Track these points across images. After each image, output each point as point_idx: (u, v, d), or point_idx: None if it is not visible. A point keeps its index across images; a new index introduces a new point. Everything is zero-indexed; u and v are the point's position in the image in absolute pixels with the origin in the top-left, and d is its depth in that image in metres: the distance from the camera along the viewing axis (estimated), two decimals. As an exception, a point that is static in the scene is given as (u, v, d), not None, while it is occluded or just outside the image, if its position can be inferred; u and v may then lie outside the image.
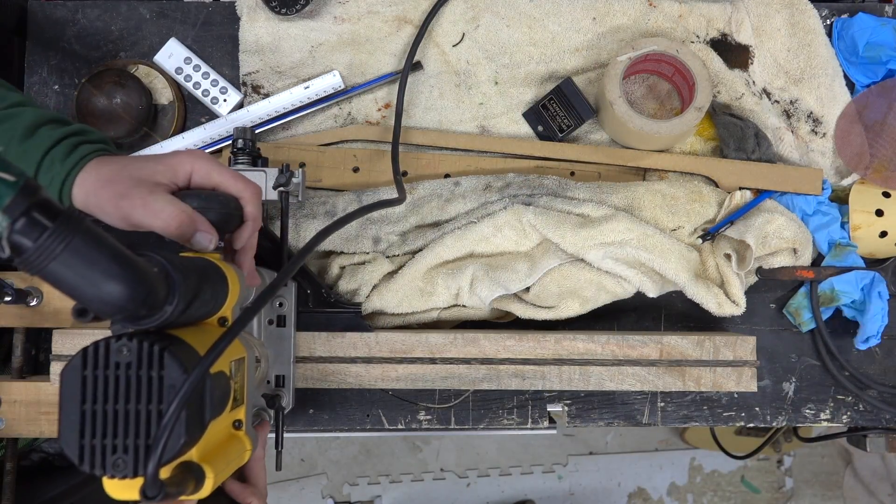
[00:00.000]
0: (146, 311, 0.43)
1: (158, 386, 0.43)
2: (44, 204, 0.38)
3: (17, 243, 0.37)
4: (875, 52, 0.80)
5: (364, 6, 0.83)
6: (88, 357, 0.43)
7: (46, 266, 0.38)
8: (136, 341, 0.43)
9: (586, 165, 0.82)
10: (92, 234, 0.40)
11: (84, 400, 0.43)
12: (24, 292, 0.73)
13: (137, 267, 0.42)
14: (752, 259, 0.74)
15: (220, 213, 0.53)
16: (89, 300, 0.41)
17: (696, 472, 1.92)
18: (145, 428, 0.43)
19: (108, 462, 0.43)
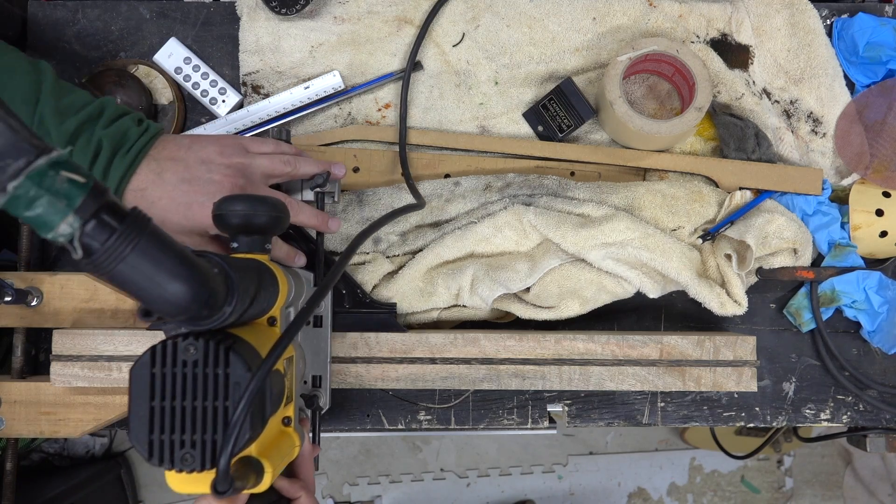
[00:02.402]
0: (207, 312, 0.44)
1: (224, 383, 0.45)
2: (111, 205, 0.38)
3: (87, 245, 0.38)
4: (875, 52, 0.80)
5: (364, 6, 0.83)
6: (157, 355, 0.45)
7: (115, 267, 0.39)
8: (202, 340, 0.45)
9: (586, 165, 0.82)
10: (157, 236, 0.40)
11: (153, 397, 0.44)
12: (24, 292, 0.73)
13: (200, 268, 0.43)
14: (752, 259, 0.74)
15: (270, 216, 0.54)
16: (154, 301, 0.41)
17: (696, 472, 1.92)
18: (212, 424, 0.44)
19: (176, 457, 0.44)
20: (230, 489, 0.43)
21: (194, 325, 0.46)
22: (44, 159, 0.36)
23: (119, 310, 0.74)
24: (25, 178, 0.35)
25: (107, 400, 0.74)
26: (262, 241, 0.55)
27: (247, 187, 0.66)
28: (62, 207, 0.36)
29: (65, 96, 0.65)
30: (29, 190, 0.36)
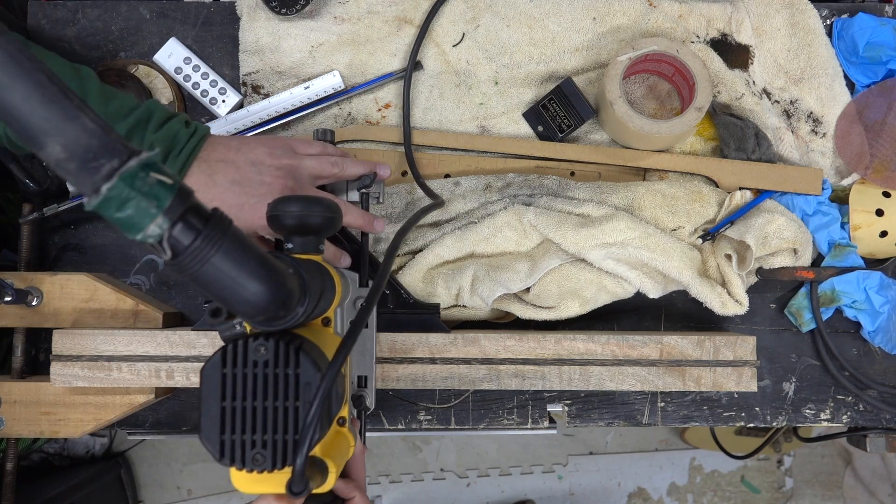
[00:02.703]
0: (283, 313, 0.44)
1: (295, 384, 0.45)
2: (196, 207, 0.39)
3: (174, 246, 0.38)
4: (875, 52, 0.80)
5: (364, 6, 0.83)
6: (228, 355, 0.45)
7: (200, 268, 0.39)
8: (272, 340, 0.45)
9: (586, 165, 0.82)
10: (238, 237, 0.41)
11: (223, 397, 0.45)
12: (24, 292, 0.73)
13: (279, 269, 0.43)
14: (752, 259, 0.74)
15: (325, 217, 0.54)
16: (235, 301, 0.41)
17: (696, 472, 1.92)
18: (282, 424, 0.45)
19: (247, 457, 0.44)
20: (305, 490, 0.43)
21: (268, 325, 0.46)
22: (135, 160, 0.37)
23: (119, 310, 0.74)
24: (119, 179, 0.36)
25: (107, 400, 0.74)
26: (316, 241, 0.55)
27: (296, 188, 0.66)
28: (152, 209, 0.37)
29: (111, 101, 0.65)
30: (122, 191, 0.36)
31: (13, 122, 0.36)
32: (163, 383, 0.71)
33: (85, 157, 0.36)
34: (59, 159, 0.36)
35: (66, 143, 0.36)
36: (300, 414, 0.45)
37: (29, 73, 0.36)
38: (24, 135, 0.36)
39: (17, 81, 0.36)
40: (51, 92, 0.37)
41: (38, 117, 0.36)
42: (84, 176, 0.36)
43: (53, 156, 0.36)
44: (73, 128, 0.36)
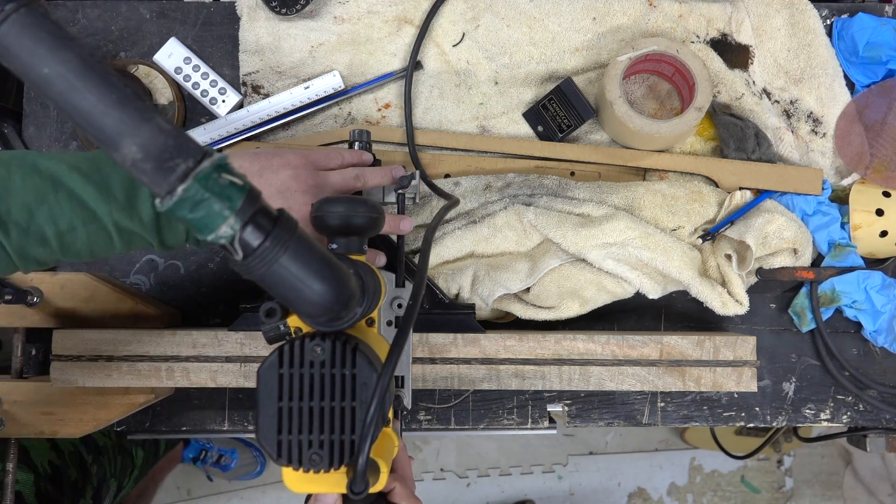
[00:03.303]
0: (345, 313, 0.45)
1: (351, 384, 0.45)
2: (264, 209, 0.39)
3: (244, 246, 0.38)
4: (875, 52, 0.80)
5: (364, 6, 0.83)
6: (284, 356, 0.45)
7: (268, 269, 0.39)
8: (328, 341, 0.45)
9: (586, 165, 0.82)
10: (304, 238, 0.41)
11: (280, 397, 0.45)
12: (24, 292, 0.73)
13: (342, 270, 0.43)
14: (752, 259, 0.74)
15: (369, 217, 0.54)
16: (299, 302, 0.42)
17: (696, 472, 1.92)
18: (339, 424, 0.45)
19: (304, 457, 0.45)
20: (365, 489, 0.43)
21: (328, 325, 0.46)
22: (208, 161, 0.37)
23: (119, 310, 0.74)
24: (194, 180, 0.36)
25: (107, 400, 0.74)
26: (360, 242, 0.55)
27: None
28: (224, 209, 0.37)
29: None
30: (196, 192, 0.36)
31: (88, 125, 0.36)
32: (163, 383, 0.71)
33: (161, 157, 0.36)
34: (136, 160, 0.36)
35: (143, 144, 0.36)
36: (357, 414, 0.45)
37: (102, 76, 0.37)
38: (98, 137, 0.36)
39: (91, 84, 0.36)
40: (125, 94, 0.37)
41: (113, 119, 0.36)
42: (159, 176, 0.36)
43: (129, 157, 0.36)
44: (149, 128, 0.37)
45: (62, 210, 0.50)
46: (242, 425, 0.81)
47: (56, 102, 0.37)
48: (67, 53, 0.36)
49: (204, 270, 0.82)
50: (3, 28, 0.36)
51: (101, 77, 0.37)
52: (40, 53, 0.36)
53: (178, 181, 0.36)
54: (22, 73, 0.37)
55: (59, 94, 0.36)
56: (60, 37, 0.37)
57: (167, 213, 0.37)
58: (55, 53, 0.36)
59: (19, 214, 0.48)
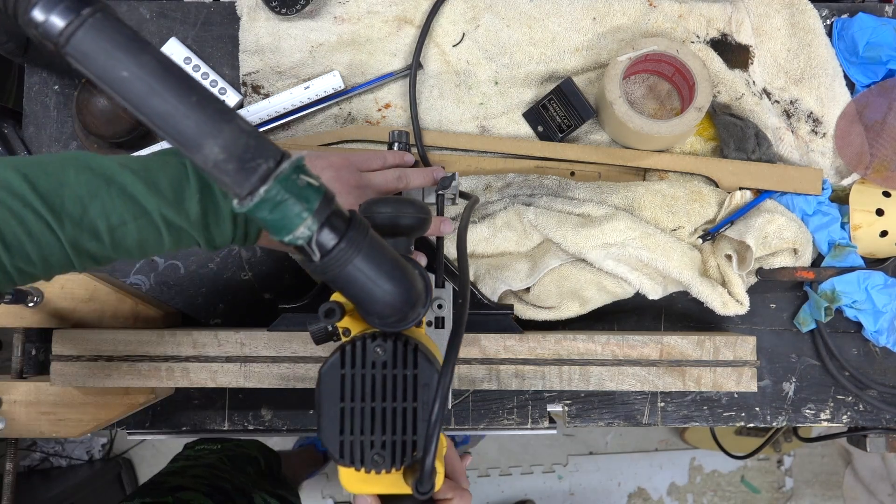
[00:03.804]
0: (412, 314, 0.45)
1: (413, 384, 0.45)
2: (338, 210, 0.39)
3: (321, 247, 0.39)
4: (875, 52, 0.80)
5: (364, 6, 0.83)
6: (346, 356, 0.45)
7: (343, 270, 0.40)
8: (389, 341, 0.45)
9: (586, 165, 0.82)
10: (375, 240, 0.41)
11: (342, 398, 0.45)
12: (24, 292, 0.73)
13: (410, 271, 0.44)
14: (752, 260, 0.74)
15: (417, 217, 0.54)
16: (370, 302, 0.42)
17: (696, 472, 1.92)
18: (401, 425, 0.45)
19: (366, 457, 0.45)
20: (431, 489, 0.43)
21: (395, 326, 0.46)
22: (287, 163, 0.37)
23: (119, 310, 0.74)
24: (275, 181, 0.36)
25: (107, 400, 0.74)
26: (408, 243, 0.55)
27: None
28: (302, 210, 0.37)
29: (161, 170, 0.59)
30: (277, 193, 0.36)
31: (168, 127, 0.36)
32: (163, 383, 0.71)
33: (243, 157, 0.36)
34: (218, 161, 0.36)
35: (225, 144, 0.36)
36: (418, 414, 0.45)
37: (180, 78, 0.37)
38: (179, 139, 0.36)
39: (171, 86, 0.36)
40: (204, 95, 0.37)
41: (194, 120, 0.36)
42: (241, 177, 0.36)
43: (211, 158, 0.36)
44: (230, 129, 0.37)
45: (114, 205, 0.50)
46: (242, 425, 0.81)
47: (134, 105, 0.37)
48: (145, 56, 0.36)
49: (204, 270, 0.82)
50: (80, 33, 0.36)
51: (179, 79, 0.37)
52: (118, 57, 0.36)
53: (259, 182, 0.36)
54: (99, 77, 0.37)
55: (138, 98, 0.36)
56: (137, 40, 0.37)
57: (249, 212, 0.37)
58: (133, 57, 0.36)
59: (73, 208, 0.49)
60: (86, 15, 0.36)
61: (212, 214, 0.53)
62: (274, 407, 0.81)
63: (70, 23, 0.35)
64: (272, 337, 0.71)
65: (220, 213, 0.54)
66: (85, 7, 0.36)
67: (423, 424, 0.45)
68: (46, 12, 0.35)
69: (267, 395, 0.81)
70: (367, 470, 0.45)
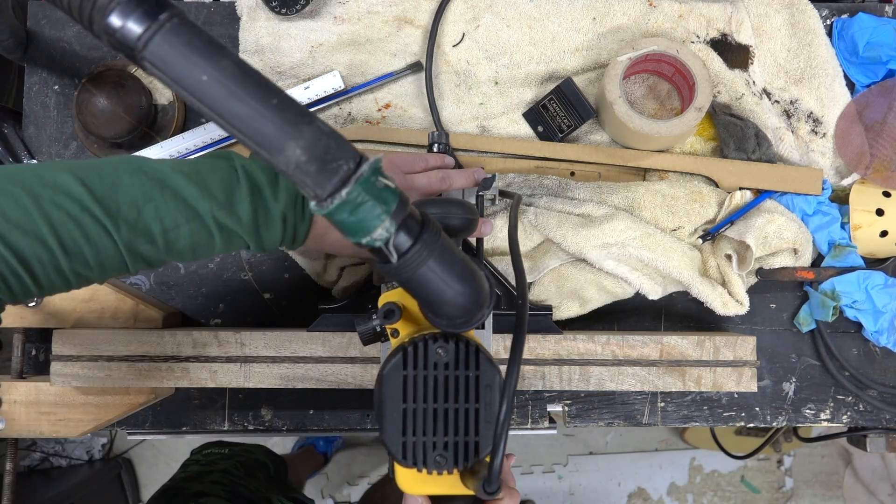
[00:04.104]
0: (479, 314, 0.45)
1: (475, 385, 0.46)
2: (413, 212, 0.40)
3: (398, 248, 0.39)
4: (875, 52, 0.80)
5: (364, 6, 0.83)
6: (408, 357, 0.45)
7: (417, 271, 0.40)
8: (451, 342, 0.46)
9: (586, 165, 0.82)
10: (447, 241, 0.42)
11: (405, 399, 0.45)
12: (24, 292, 0.73)
13: (479, 272, 0.44)
14: (752, 260, 0.74)
15: (465, 218, 0.54)
16: (441, 303, 0.42)
17: (696, 472, 1.92)
18: (463, 426, 0.45)
19: (429, 458, 0.45)
20: (499, 489, 0.43)
21: (461, 327, 0.46)
22: (367, 165, 0.37)
23: (119, 310, 0.74)
24: (356, 183, 0.36)
25: (107, 400, 0.74)
26: (455, 244, 0.55)
27: None
28: (381, 212, 0.37)
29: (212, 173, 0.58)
30: (358, 195, 0.36)
31: (248, 130, 0.36)
32: (163, 383, 0.71)
33: (325, 158, 0.36)
34: (300, 162, 0.36)
35: (307, 146, 0.36)
36: (481, 415, 0.45)
37: (259, 81, 0.37)
38: (259, 141, 0.36)
39: (250, 89, 0.36)
40: (283, 97, 0.37)
41: (276, 122, 0.36)
42: (323, 178, 0.36)
43: (293, 159, 0.36)
44: (311, 130, 0.36)
45: (167, 208, 0.50)
46: (242, 425, 0.81)
47: (213, 109, 0.37)
48: (224, 60, 0.36)
49: (204, 270, 0.82)
50: (158, 38, 0.36)
51: (258, 82, 0.37)
52: (197, 61, 0.36)
53: (340, 183, 0.36)
54: (177, 81, 0.36)
55: (217, 101, 0.36)
56: (214, 44, 0.37)
57: (328, 214, 0.37)
58: (212, 61, 0.36)
59: (128, 211, 0.49)
60: (163, 20, 0.36)
61: (262, 217, 0.54)
62: (274, 407, 0.81)
63: (147, 28, 0.35)
64: (272, 337, 0.71)
65: (270, 215, 0.54)
66: (162, 12, 0.36)
67: (485, 425, 0.45)
68: (123, 18, 0.35)
69: (267, 395, 0.81)
70: (428, 471, 0.45)
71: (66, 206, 0.47)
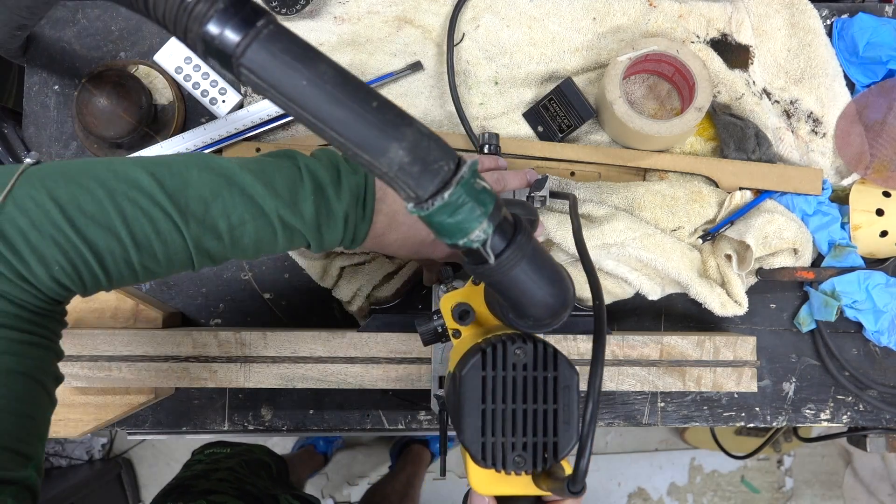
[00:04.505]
0: (564, 315, 0.45)
1: (553, 386, 0.46)
2: (506, 214, 0.40)
3: (494, 249, 0.39)
4: (875, 52, 0.80)
5: (364, 6, 0.83)
6: (487, 358, 0.46)
7: (509, 272, 0.40)
8: (529, 343, 0.46)
9: (586, 165, 0.82)
10: (537, 242, 0.42)
11: (484, 399, 0.46)
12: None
13: (565, 273, 0.44)
14: (752, 260, 0.74)
15: (527, 220, 0.54)
16: (530, 304, 0.42)
17: (696, 472, 1.92)
18: (542, 426, 0.46)
19: (508, 459, 0.45)
20: (583, 489, 0.43)
21: (542, 328, 0.46)
22: (467, 167, 0.37)
23: (119, 310, 0.74)
24: (458, 185, 0.36)
25: (107, 400, 0.74)
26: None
27: None
28: (479, 214, 0.37)
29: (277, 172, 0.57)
30: (459, 196, 0.37)
31: (350, 133, 0.36)
32: (163, 383, 0.71)
33: (427, 159, 0.36)
34: (404, 163, 0.36)
35: (410, 147, 0.36)
36: (559, 416, 0.46)
37: (357, 84, 0.37)
38: (361, 143, 0.36)
39: (350, 92, 0.36)
40: (382, 99, 0.37)
41: (378, 124, 0.36)
42: (426, 179, 0.36)
43: (396, 161, 0.36)
44: (412, 132, 0.36)
45: (234, 205, 0.51)
46: (242, 425, 0.81)
47: (313, 114, 0.36)
48: (322, 65, 0.36)
49: (204, 270, 0.82)
50: (256, 45, 0.36)
51: (357, 85, 0.37)
52: (296, 66, 0.36)
53: (442, 185, 0.36)
54: (275, 87, 0.36)
55: (318, 106, 0.36)
56: (311, 49, 0.37)
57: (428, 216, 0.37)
58: (311, 66, 0.36)
59: (196, 207, 0.50)
60: (260, 27, 0.36)
61: (324, 216, 0.54)
62: (274, 407, 0.81)
63: (245, 35, 0.35)
64: (272, 337, 0.71)
65: (332, 214, 0.55)
66: (259, 19, 0.36)
67: (563, 426, 0.46)
68: (221, 26, 0.35)
69: (267, 395, 0.81)
70: (507, 471, 0.45)
71: (138, 201, 0.48)
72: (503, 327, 0.53)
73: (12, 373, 0.46)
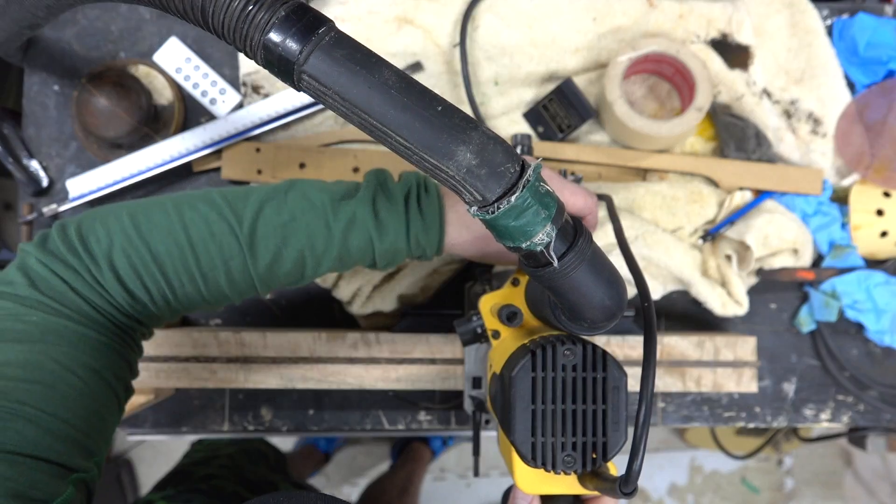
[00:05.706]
0: (619, 317, 0.45)
1: (602, 387, 0.46)
2: (567, 217, 0.40)
3: (556, 252, 0.39)
4: (875, 52, 0.80)
5: (364, 6, 0.83)
6: (537, 359, 0.46)
7: (570, 275, 0.40)
8: (579, 345, 0.46)
9: (586, 166, 0.82)
10: (597, 245, 0.42)
11: (534, 400, 0.46)
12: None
13: (621, 276, 0.44)
14: (752, 260, 0.74)
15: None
16: (588, 307, 0.42)
17: (696, 472, 1.92)
18: (591, 427, 0.46)
19: (558, 459, 0.46)
20: (635, 490, 0.43)
21: (596, 330, 0.47)
22: (532, 169, 0.37)
23: (119, 310, 0.74)
24: (524, 188, 0.36)
25: (107, 400, 0.74)
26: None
27: None
28: (544, 217, 0.37)
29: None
30: (525, 200, 0.36)
31: (416, 137, 0.36)
32: (163, 383, 0.71)
33: (493, 161, 0.36)
34: (471, 166, 0.36)
35: (477, 150, 0.36)
36: (608, 417, 0.46)
37: (421, 88, 0.37)
38: (429, 147, 0.36)
39: (415, 97, 0.36)
40: (446, 103, 0.37)
41: (445, 128, 0.36)
42: (493, 182, 0.36)
43: (465, 164, 0.36)
44: (478, 134, 0.36)
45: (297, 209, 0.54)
46: (242, 425, 0.81)
47: (379, 120, 0.36)
48: (385, 70, 0.36)
49: (204, 271, 0.82)
50: (319, 52, 0.36)
51: (420, 90, 0.37)
52: (360, 72, 0.36)
53: (509, 188, 0.36)
54: (339, 94, 0.36)
55: (384, 111, 0.36)
56: (373, 55, 0.37)
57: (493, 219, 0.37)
58: (375, 72, 0.36)
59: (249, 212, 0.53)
60: (322, 34, 0.36)
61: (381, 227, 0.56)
62: (274, 407, 0.81)
63: (308, 42, 0.36)
64: (272, 337, 0.71)
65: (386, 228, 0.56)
66: (320, 26, 0.36)
67: (612, 426, 0.46)
68: (283, 34, 0.36)
69: (267, 395, 0.81)
70: (556, 471, 0.46)
71: (198, 206, 0.50)
72: (544, 328, 0.53)
73: (91, 369, 0.47)
